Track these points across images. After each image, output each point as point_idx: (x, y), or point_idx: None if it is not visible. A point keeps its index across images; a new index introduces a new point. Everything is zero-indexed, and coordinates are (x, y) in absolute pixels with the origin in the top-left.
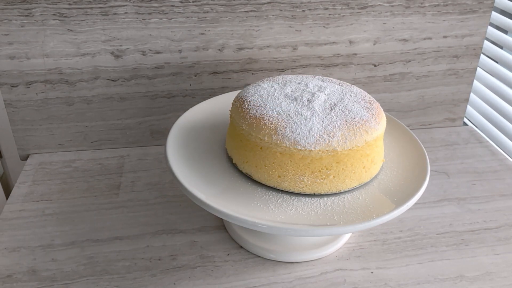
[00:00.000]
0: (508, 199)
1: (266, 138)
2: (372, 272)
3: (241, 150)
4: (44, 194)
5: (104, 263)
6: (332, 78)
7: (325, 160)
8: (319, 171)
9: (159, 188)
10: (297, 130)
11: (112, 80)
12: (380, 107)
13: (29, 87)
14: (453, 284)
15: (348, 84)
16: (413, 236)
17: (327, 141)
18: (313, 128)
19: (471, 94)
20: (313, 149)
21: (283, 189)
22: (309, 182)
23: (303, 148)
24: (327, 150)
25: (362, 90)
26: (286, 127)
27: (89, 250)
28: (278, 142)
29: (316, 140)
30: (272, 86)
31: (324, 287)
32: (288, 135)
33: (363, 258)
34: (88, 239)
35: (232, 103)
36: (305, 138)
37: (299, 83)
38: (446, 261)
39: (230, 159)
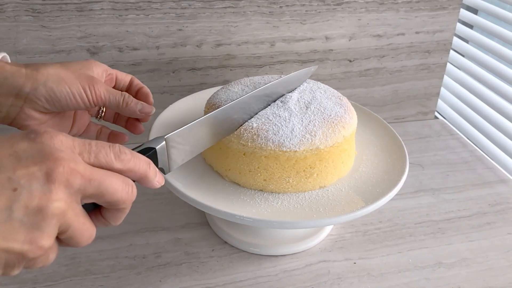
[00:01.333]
0: (480, 188)
1: (249, 143)
2: (355, 263)
3: (222, 158)
4: None
5: (87, 263)
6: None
7: (309, 159)
8: (304, 170)
9: (140, 186)
10: (280, 132)
11: None
12: (349, 102)
13: None
14: (432, 271)
15: (312, 80)
16: (393, 226)
17: (310, 140)
18: (294, 129)
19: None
20: (298, 150)
21: (269, 191)
22: (294, 182)
23: (288, 150)
24: (311, 149)
25: (328, 86)
26: (268, 130)
27: (71, 250)
28: (262, 146)
29: (300, 140)
30: (243, 90)
31: (309, 278)
32: (272, 138)
33: (345, 249)
34: None
35: (206, 110)
36: (288, 139)
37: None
38: (424, 249)
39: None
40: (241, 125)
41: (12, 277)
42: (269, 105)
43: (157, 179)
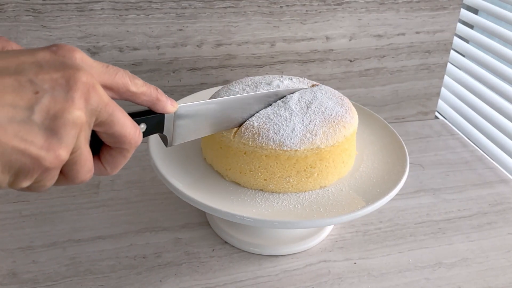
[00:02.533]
0: (480, 188)
1: (250, 142)
2: (355, 263)
3: (222, 158)
4: (20, 195)
5: (88, 263)
6: (298, 77)
7: (309, 159)
8: (304, 170)
9: (140, 186)
10: (280, 131)
11: None
12: (350, 102)
13: None
14: (432, 271)
15: (312, 82)
16: (393, 226)
17: (311, 139)
18: (295, 128)
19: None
20: (298, 149)
21: (269, 191)
22: (294, 182)
23: (288, 149)
24: (311, 149)
25: (329, 87)
26: (269, 129)
27: (71, 251)
28: (263, 145)
29: (301, 140)
30: (243, 89)
31: (309, 278)
32: (273, 137)
33: (346, 249)
34: (70, 239)
35: None
36: (289, 138)
37: (269, 85)
38: (424, 249)
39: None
40: (244, 121)
41: (12, 277)
42: (270, 104)
43: (170, 102)
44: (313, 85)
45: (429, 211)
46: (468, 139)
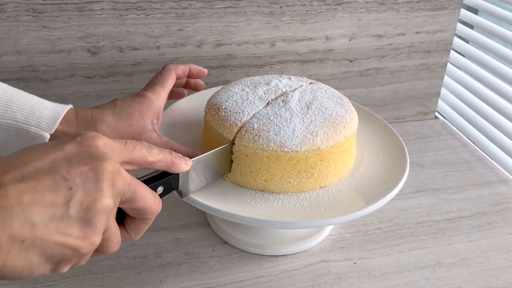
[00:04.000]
0: (480, 188)
1: (251, 144)
2: (355, 263)
3: None
4: None
5: (88, 263)
6: (297, 76)
7: (310, 160)
8: (305, 171)
9: None
10: (281, 132)
11: (88, 77)
12: (350, 102)
13: None
14: (432, 271)
15: (311, 80)
16: (393, 226)
17: (312, 140)
18: (296, 129)
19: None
20: (299, 150)
21: (270, 191)
22: (295, 182)
23: (289, 150)
24: (312, 150)
25: (329, 86)
26: (269, 131)
27: None
28: (264, 146)
29: (301, 141)
30: (243, 90)
31: (309, 278)
32: (273, 138)
33: (345, 249)
34: None
35: (206, 111)
36: (290, 139)
37: (268, 84)
38: (424, 249)
39: None
40: None
41: None
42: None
43: (184, 163)
44: (311, 83)
45: (429, 211)
46: (468, 139)
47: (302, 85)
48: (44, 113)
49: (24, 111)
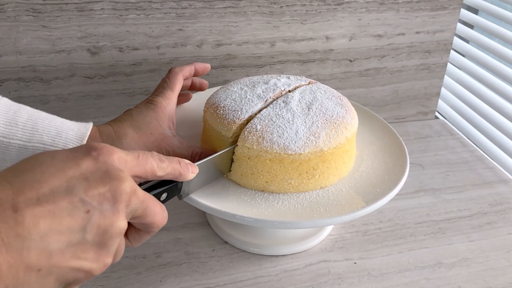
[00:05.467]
0: (480, 188)
1: (254, 147)
2: (355, 263)
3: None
4: None
5: None
6: (296, 76)
7: (312, 161)
8: (306, 172)
9: None
10: (284, 134)
11: (88, 77)
12: (349, 102)
13: (1, 85)
14: (432, 271)
15: (310, 79)
16: (393, 226)
17: (314, 142)
18: (299, 130)
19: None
20: (302, 152)
21: (270, 192)
22: (296, 183)
23: (293, 152)
24: (315, 151)
25: (328, 86)
26: (272, 132)
27: None
28: (267, 149)
29: (304, 143)
30: (241, 89)
31: (310, 278)
32: (277, 141)
33: (346, 249)
34: None
35: (205, 110)
36: (293, 142)
37: (266, 83)
38: (424, 249)
39: None
40: None
41: None
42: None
43: (190, 172)
44: (310, 83)
45: (429, 211)
46: (468, 139)
47: (301, 84)
48: (70, 134)
49: (50, 133)
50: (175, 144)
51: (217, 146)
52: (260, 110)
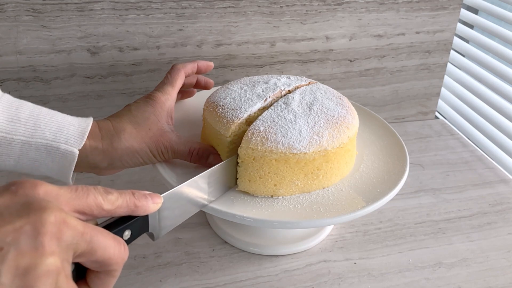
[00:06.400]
0: (480, 188)
1: (259, 147)
2: (355, 263)
3: None
4: None
5: None
6: (296, 76)
7: (317, 161)
8: (311, 172)
9: (140, 186)
10: (288, 134)
11: (88, 77)
12: (349, 102)
13: (1, 85)
14: (432, 271)
15: (309, 79)
16: (393, 226)
17: (318, 141)
18: (302, 130)
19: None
20: (307, 151)
21: (279, 196)
22: (301, 185)
23: (298, 152)
24: (319, 151)
25: (327, 86)
26: (276, 133)
27: None
28: (272, 149)
29: (309, 142)
30: (241, 88)
31: (310, 278)
32: (281, 140)
33: (346, 249)
34: None
35: (205, 108)
36: (298, 141)
37: (266, 83)
38: (424, 249)
39: None
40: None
41: None
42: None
43: (151, 202)
44: (310, 82)
45: (429, 211)
46: (468, 139)
47: (301, 84)
48: (71, 129)
49: (52, 129)
50: (173, 139)
51: (215, 145)
52: (259, 110)
